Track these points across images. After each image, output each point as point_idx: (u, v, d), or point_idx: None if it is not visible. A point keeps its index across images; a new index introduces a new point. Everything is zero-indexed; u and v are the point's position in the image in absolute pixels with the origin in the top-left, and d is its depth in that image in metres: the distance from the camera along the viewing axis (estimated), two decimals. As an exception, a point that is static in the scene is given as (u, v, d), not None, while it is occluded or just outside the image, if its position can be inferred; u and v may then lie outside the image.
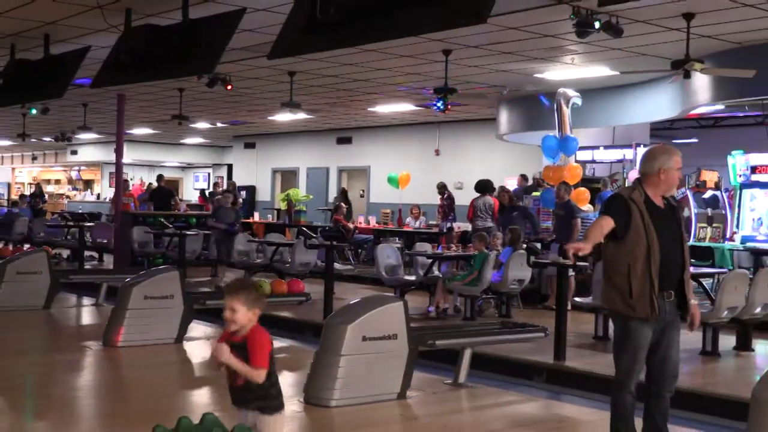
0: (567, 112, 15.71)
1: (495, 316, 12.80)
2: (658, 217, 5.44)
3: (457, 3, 6.77)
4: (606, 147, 18.90)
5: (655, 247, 5.35)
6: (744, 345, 10.66)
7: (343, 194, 25.66)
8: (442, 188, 20.48)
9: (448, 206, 20.48)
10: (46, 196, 34.57)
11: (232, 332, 4.22)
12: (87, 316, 12.47)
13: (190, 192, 36.38)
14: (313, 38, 7.97)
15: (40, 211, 27.40)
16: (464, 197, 22.58)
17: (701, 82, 13.27)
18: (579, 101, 15.80)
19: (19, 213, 24.97)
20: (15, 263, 12.13)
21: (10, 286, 11.68)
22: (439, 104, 14.40)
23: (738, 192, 17.16)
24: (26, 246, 19.24)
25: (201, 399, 7.61)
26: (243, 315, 4.18)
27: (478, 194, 16.09)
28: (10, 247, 18.12)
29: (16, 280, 11.81)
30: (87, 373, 8.62)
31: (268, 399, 4.27)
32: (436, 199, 21.00)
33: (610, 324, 11.25)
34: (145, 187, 23.29)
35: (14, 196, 37.34)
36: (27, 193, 33.42)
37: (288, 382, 8.17)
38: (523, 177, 19.81)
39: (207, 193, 27.86)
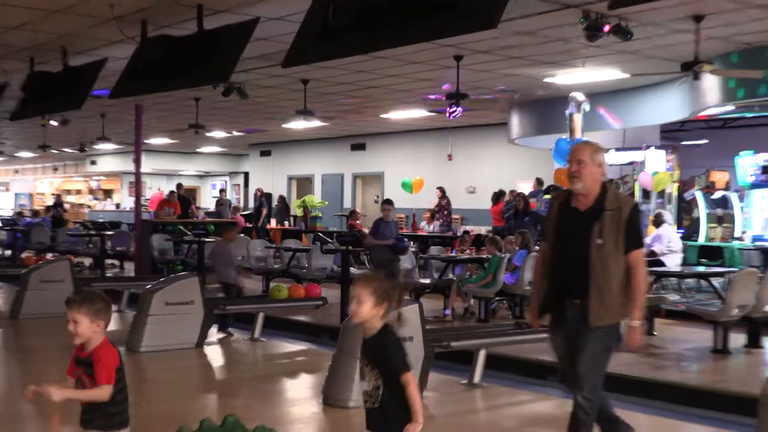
0: (578, 116, 15.71)
1: (508, 317, 12.81)
2: (566, 222, 5.12)
3: (468, 9, 6.78)
4: (617, 149, 18.85)
5: (554, 249, 5.16)
6: (754, 342, 10.64)
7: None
8: (442, 192, 20.83)
9: (443, 209, 20.73)
10: (67, 206, 34.70)
11: (78, 347, 4.01)
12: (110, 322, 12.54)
13: (207, 200, 36.46)
14: (327, 46, 8.00)
15: (61, 220, 27.52)
16: (477, 202, 22.64)
17: (710, 84, 13.24)
18: (588, 105, 15.80)
19: (41, 223, 25.12)
20: (39, 271, 12.20)
21: (35, 293, 11.76)
22: (452, 112, 14.41)
23: (747, 192, 17.13)
24: (49, 255, 19.31)
25: (222, 401, 7.63)
26: (86, 327, 3.94)
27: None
28: (34, 256, 18.20)
29: (40, 288, 11.88)
30: (109, 377, 8.67)
31: (108, 417, 3.97)
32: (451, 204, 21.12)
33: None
34: (165, 196, 23.37)
35: (36, 207, 37.55)
36: (48, 203, 33.61)
37: (306, 384, 8.21)
38: (539, 181, 19.83)
39: (216, 201, 27.93)
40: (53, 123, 19.71)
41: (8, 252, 23.27)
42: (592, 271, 4.91)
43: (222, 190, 30.75)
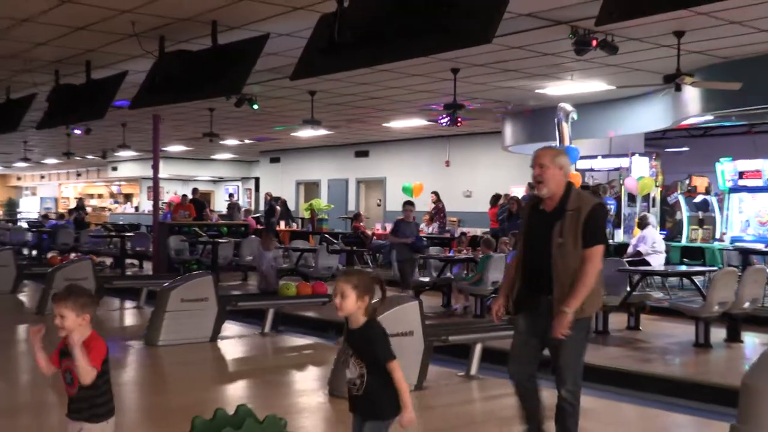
0: (566, 125, 15.73)
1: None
2: (536, 222, 5.11)
3: (464, 25, 6.78)
4: (604, 156, 18.86)
5: (523, 248, 5.17)
6: (734, 337, 10.63)
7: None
8: (437, 196, 20.90)
9: (439, 212, 20.77)
10: (90, 209, 34.69)
11: (64, 340, 3.92)
12: (129, 317, 12.52)
13: (221, 203, 36.45)
14: (332, 60, 8.00)
15: (84, 223, 27.52)
16: (473, 205, 22.63)
17: (691, 95, 13.24)
18: (575, 115, 15.81)
19: (65, 225, 25.13)
20: (63, 270, 12.20)
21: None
22: (443, 121, 14.42)
23: (727, 196, 17.14)
24: (73, 255, 19.31)
25: (235, 392, 7.63)
26: (72, 321, 3.88)
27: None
28: (58, 256, 18.21)
29: (64, 286, 11.88)
30: (130, 369, 8.66)
31: (95, 408, 3.93)
32: (449, 208, 21.07)
33: (610, 318, 11.28)
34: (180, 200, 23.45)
35: (61, 210, 37.58)
36: (72, 207, 33.63)
37: (314, 376, 8.20)
38: (530, 185, 19.80)
39: (226, 205, 27.92)
40: (77, 132, 19.77)
41: (35, 252, 23.29)
42: (554, 268, 4.89)
43: (231, 195, 30.74)
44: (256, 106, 14.40)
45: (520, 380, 5.18)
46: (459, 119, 14.38)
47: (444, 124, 14.56)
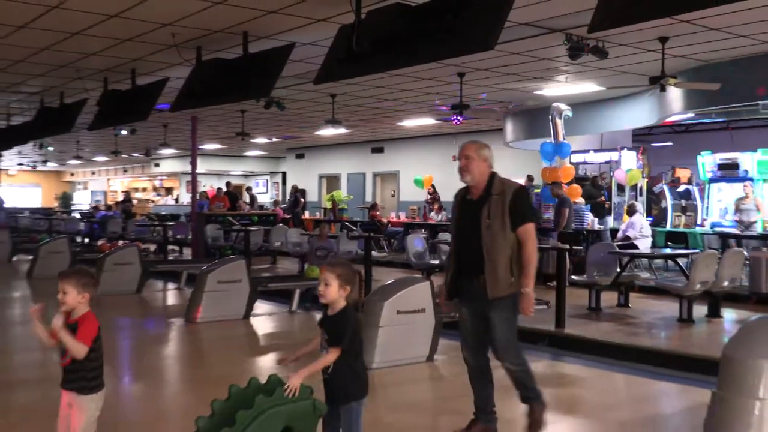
0: (560, 122, 15.67)
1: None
2: (465, 210, 4.94)
3: (469, 33, 6.76)
4: (595, 150, 18.80)
5: (455, 236, 5.02)
6: (714, 313, 10.60)
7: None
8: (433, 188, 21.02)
9: (435, 201, 21.07)
10: (135, 201, 34.85)
11: (66, 314, 3.85)
12: (171, 298, 12.60)
13: (263, 197, 36.56)
14: (351, 66, 7.99)
15: (130, 213, 27.66)
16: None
17: (674, 95, 13.16)
18: (570, 113, 15.74)
19: (114, 215, 25.27)
20: (112, 256, 12.31)
21: (109, 275, 11.85)
22: (456, 119, 14.38)
23: (707, 186, 17.07)
24: (120, 242, 19.43)
25: (266, 364, 7.66)
26: (73, 297, 3.82)
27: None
28: (108, 243, 18.33)
29: (113, 270, 11.97)
30: (172, 344, 8.73)
31: (84, 381, 3.84)
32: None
33: (602, 297, 11.26)
34: (216, 192, 23.58)
35: (109, 202, 37.80)
36: (119, 199, 33.83)
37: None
38: (529, 177, 19.77)
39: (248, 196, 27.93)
40: (123, 132, 19.85)
41: (87, 240, 23.46)
42: (484, 248, 4.73)
43: (249, 188, 30.72)
44: (283, 109, 14.40)
45: (474, 364, 5.04)
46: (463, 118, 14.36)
47: (457, 122, 14.49)
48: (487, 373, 5.05)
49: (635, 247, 12.93)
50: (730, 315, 10.76)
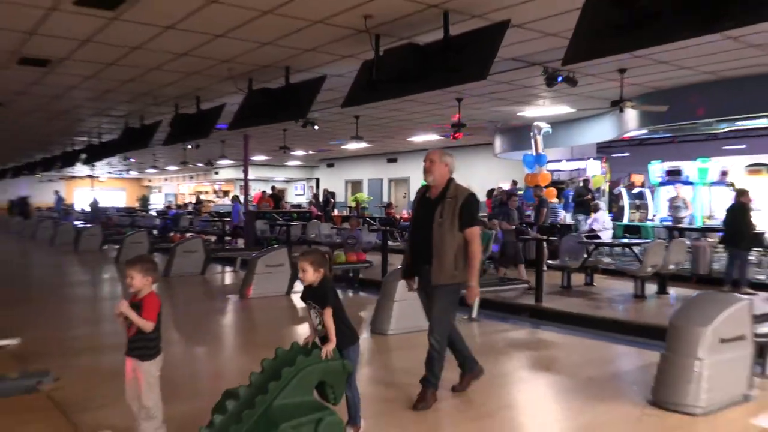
0: (539, 137, 15.61)
1: (494, 274, 12.76)
2: (422, 206, 4.72)
3: (466, 67, 6.76)
4: (567, 160, 18.72)
5: (412, 228, 4.81)
6: (662, 290, 10.58)
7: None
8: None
9: None
10: (203, 203, 35.04)
11: (134, 295, 3.78)
12: (228, 278, 12.67)
13: (291, 197, 36.61)
14: (371, 93, 8.00)
15: (199, 212, 27.80)
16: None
17: (631, 115, 13.08)
18: (550, 130, 15.66)
19: (183, 213, 25.38)
20: (182, 245, 12.39)
21: (179, 260, 11.94)
22: (454, 135, 14.34)
23: (657, 188, 16.98)
24: (188, 234, 19.54)
25: (305, 331, 7.64)
26: (139, 281, 3.74)
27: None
28: (178, 235, 18.43)
29: (183, 256, 12.06)
30: (229, 315, 8.77)
31: (146, 349, 3.75)
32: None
33: (573, 277, 11.22)
34: (262, 195, 23.68)
35: (179, 202, 37.95)
36: (187, 201, 33.97)
37: (359, 320, 8.24)
38: (514, 182, 19.70)
39: (312, 199, 27.90)
40: (190, 147, 19.95)
41: (161, 232, 23.57)
42: (434, 241, 4.54)
43: (273, 187, 30.58)
44: (316, 127, 14.41)
45: None
46: (461, 134, 14.32)
47: (455, 138, 14.47)
48: (454, 333, 4.86)
49: (599, 237, 12.89)
50: (675, 292, 10.72)
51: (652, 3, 5.09)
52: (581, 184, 16.96)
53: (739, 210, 10.79)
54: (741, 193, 11.12)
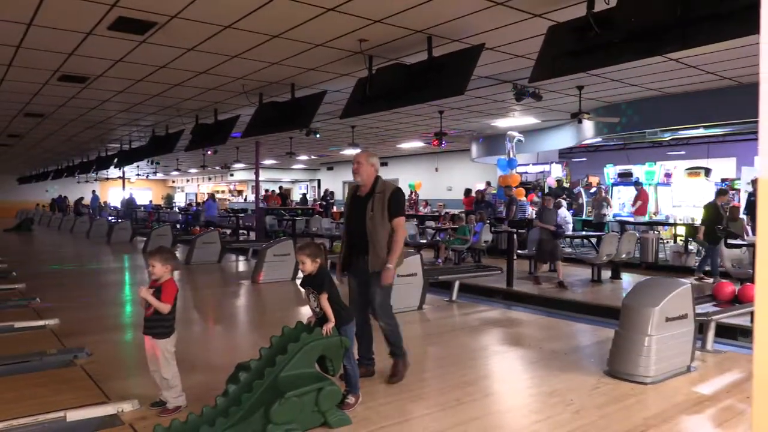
0: (511, 144, 15.61)
1: (472, 262, 12.77)
2: (354, 203, 4.52)
3: (447, 84, 6.74)
4: (533, 164, 18.73)
5: (346, 224, 4.55)
6: (616, 276, 10.60)
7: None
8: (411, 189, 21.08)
9: (414, 202, 20.90)
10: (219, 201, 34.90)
11: (154, 281, 3.75)
12: (241, 266, 12.62)
13: (296, 196, 36.51)
14: (365, 106, 7.97)
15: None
16: (453, 195, 22.53)
17: (588, 125, 13.10)
18: (522, 139, 15.67)
19: (203, 209, 25.20)
20: (201, 237, 12.32)
21: (199, 250, 11.87)
22: (437, 142, 14.32)
23: (611, 189, 17.00)
24: (207, 227, 19.43)
25: (308, 311, 7.59)
26: (159, 269, 3.71)
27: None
28: (198, 228, 18.34)
29: (202, 246, 12.00)
30: (242, 298, 8.73)
31: (161, 328, 3.71)
32: (437, 197, 20.94)
33: (538, 265, 11.21)
34: (271, 194, 23.62)
35: (198, 200, 37.72)
36: (204, 199, 33.79)
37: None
38: (488, 183, 19.69)
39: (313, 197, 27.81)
40: (209, 152, 19.82)
41: (184, 226, 23.46)
42: (368, 233, 4.35)
43: (281, 187, 30.46)
44: (318, 135, 14.36)
45: (359, 322, 4.37)
46: (443, 142, 14.30)
47: (442, 145, 14.45)
48: (367, 328, 4.59)
49: (562, 230, 12.89)
50: (626, 277, 10.74)
51: (602, 33, 5.18)
52: (555, 185, 17.02)
53: (712, 208, 10.32)
54: (718, 193, 10.67)
